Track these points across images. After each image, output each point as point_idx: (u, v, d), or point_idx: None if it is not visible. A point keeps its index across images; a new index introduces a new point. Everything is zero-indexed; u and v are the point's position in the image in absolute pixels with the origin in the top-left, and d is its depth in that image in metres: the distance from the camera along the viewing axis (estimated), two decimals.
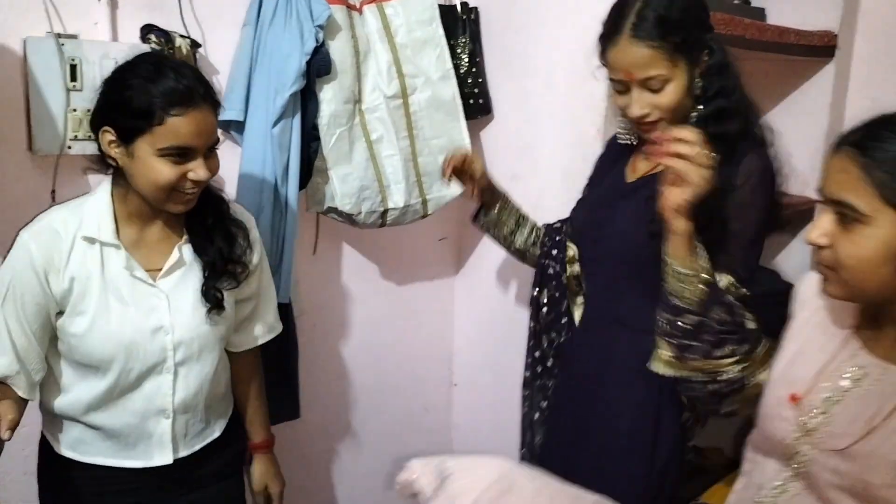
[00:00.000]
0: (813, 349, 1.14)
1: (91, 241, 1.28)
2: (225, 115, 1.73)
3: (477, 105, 2.08)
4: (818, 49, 2.24)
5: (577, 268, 1.64)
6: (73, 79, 1.54)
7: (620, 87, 1.40)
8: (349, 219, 1.89)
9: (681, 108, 1.39)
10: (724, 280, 1.35)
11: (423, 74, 1.93)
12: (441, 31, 1.95)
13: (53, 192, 1.56)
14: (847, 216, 0.98)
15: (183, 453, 1.41)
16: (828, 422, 1.06)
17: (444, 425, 2.46)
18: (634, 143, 1.56)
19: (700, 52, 1.38)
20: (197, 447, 1.43)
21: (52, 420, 1.38)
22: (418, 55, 1.92)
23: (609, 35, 1.40)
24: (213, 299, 1.38)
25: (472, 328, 2.36)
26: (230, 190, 1.82)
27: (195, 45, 1.66)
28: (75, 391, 1.33)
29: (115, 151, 1.25)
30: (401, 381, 2.32)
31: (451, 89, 1.98)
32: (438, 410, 2.43)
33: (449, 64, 1.97)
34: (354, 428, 2.25)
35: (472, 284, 2.33)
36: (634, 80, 1.36)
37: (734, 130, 1.37)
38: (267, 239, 1.72)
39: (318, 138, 1.80)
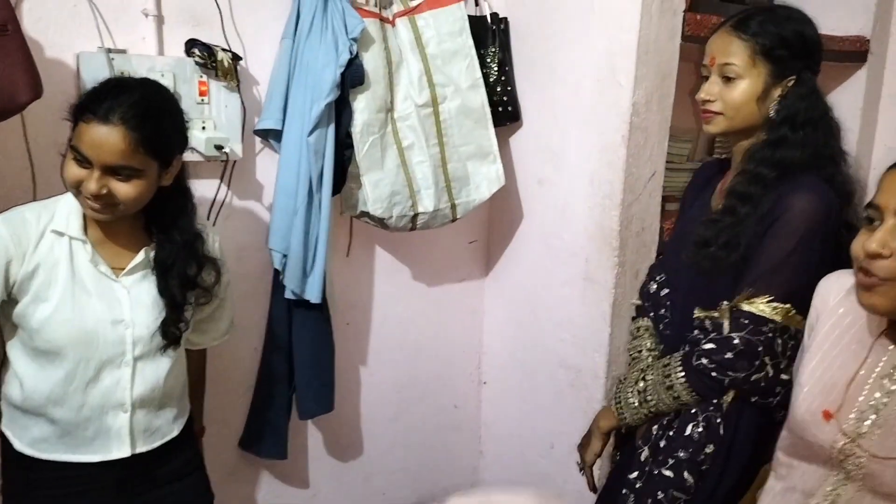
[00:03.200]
0: (844, 357, 1.15)
1: (59, 234, 1.35)
2: (263, 125, 1.82)
3: (506, 112, 2.13)
4: (850, 54, 2.24)
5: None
6: None
7: (706, 71, 1.52)
8: (381, 223, 1.96)
9: (744, 113, 1.48)
10: (757, 304, 1.39)
11: (453, 84, 1.99)
12: (470, 42, 2.00)
13: None
14: None
15: (141, 449, 1.45)
16: (879, 424, 1.08)
17: (474, 422, 2.52)
18: (724, 155, 1.64)
19: (786, 73, 1.46)
20: (156, 444, 1.47)
21: (13, 416, 1.43)
22: (448, 65, 1.98)
23: (719, 26, 1.53)
24: (171, 337, 1.43)
25: (500, 329, 2.42)
26: (267, 195, 1.92)
27: (236, 58, 1.75)
28: (34, 381, 1.37)
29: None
30: (431, 379, 2.39)
31: (480, 98, 2.04)
32: (468, 408, 2.49)
33: (478, 73, 2.03)
34: (386, 424, 2.32)
35: (500, 286, 2.39)
36: (715, 64, 1.48)
37: (791, 160, 1.43)
38: (300, 241, 1.80)
39: (351, 146, 1.87)
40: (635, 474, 1.59)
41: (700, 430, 1.47)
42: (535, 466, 2.32)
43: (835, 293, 1.22)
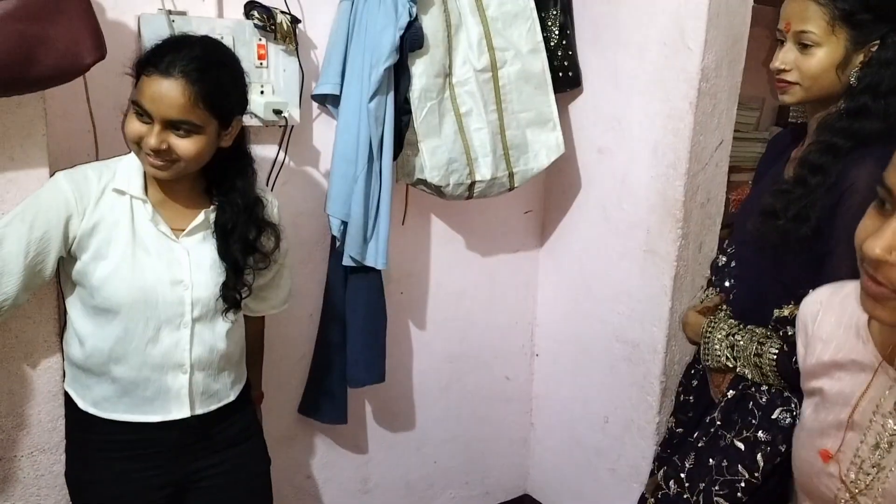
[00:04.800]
0: (839, 388, 0.97)
1: (121, 192, 1.36)
2: (321, 89, 1.80)
3: (566, 78, 2.07)
4: None
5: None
6: None
7: (781, 36, 1.43)
8: (437, 191, 1.93)
9: (822, 83, 1.38)
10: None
11: (513, 48, 1.94)
12: (531, 4, 1.94)
13: None
14: None
15: (199, 410, 1.45)
16: (884, 476, 0.89)
17: (525, 395, 2.50)
18: (800, 120, 1.56)
19: (869, 38, 1.36)
20: (213, 407, 1.47)
21: (75, 375, 1.44)
22: (509, 28, 1.93)
23: None
24: (231, 301, 1.43)
25: (554, 300, 2.38)
26: (324, 161, 1.90)
27: (295, 20, 1.72)
28: (95, 340, 1.38)
29: None
30: (483, 350, 2.37)
31: (541, 62, 1.98)
32: (520, 380, 2.47)
33: (539, 37, 1.97)
34: (438, 394, 2.31)
35: (555, 258, 2.35)
36: (790, 30, 1.39)
37: (869, 131, 1.34)
38: (360, 207, 1.78)
39: (409, 112, 1.84)
40: (698, 434, 1.56)
41: (790, 419, 1.42)
42: (587, 440, 2.29)
43: (820, 314, 1.04)
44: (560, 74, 2.05)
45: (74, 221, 1.33)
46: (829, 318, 1.02)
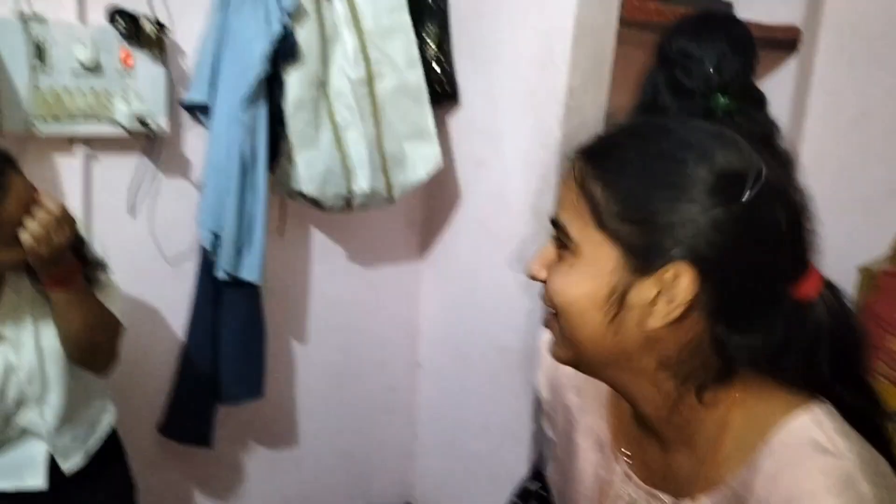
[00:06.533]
0: (587, 469, 0.86)
1: None
2: (190, 98, 1.76)
3: (444, 92, 2.11)
4: (781, 43, 2.28)
5: None
6: (41, 59, 1.57)
7: None
8: (315, 203, 1.92)
9: None
10: None
11: (390, 61, 1.96)
12: (408, 19, 1.97)
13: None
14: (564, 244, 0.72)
15: (68, 468, 1.43)
16: None
17: (409, 406, 2.51)
18: None
19: None
20: (76, 457, 1.46)
21: None
22: (385, 42, 1.94)
23: None
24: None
25: (437, 312, 2.41)
26: (195, 171, 1.86)
27: (162, 27, 1.68)
28: None
29: None
30: (366, 361, 2.37)
31: (418, 76, 2.00)
32: (403, 391, 2.48)
33: (415, 51, 1.99)
34: (319, 407, 2.29)
35: (437, 269, 2.38)
36: None
37: None
38: (233, 219, 1.75)
39: (284, 122, 1.83)
40: None
41: None
42: (468, 449, 2.32)
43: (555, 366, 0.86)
44: (438, 88, 2.09)
45: None
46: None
